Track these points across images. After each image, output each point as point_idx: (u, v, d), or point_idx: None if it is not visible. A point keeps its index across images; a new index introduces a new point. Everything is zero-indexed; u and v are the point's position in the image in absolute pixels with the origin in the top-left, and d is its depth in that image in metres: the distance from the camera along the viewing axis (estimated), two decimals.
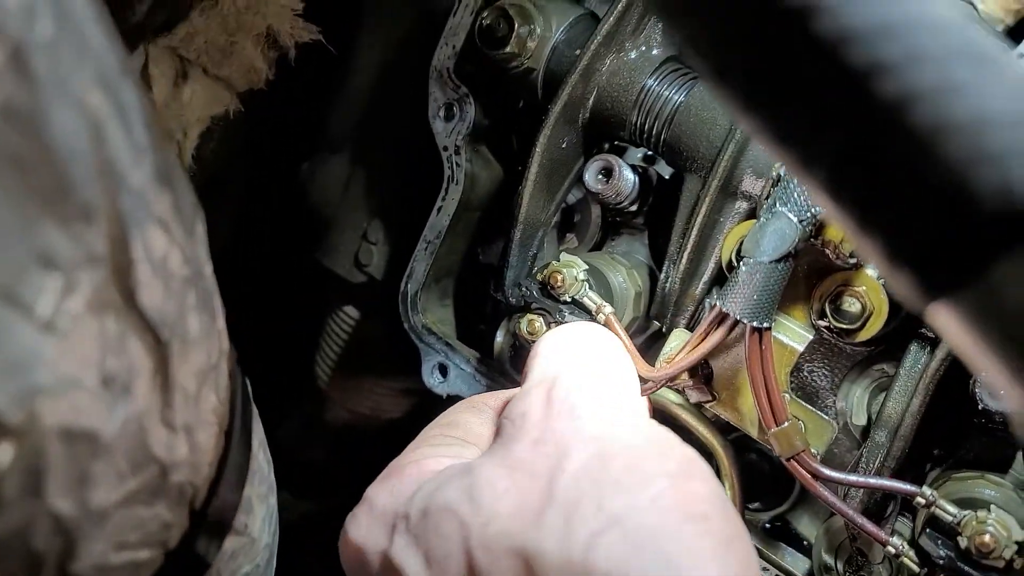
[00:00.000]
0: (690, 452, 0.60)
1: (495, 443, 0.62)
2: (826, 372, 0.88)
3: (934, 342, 0.79)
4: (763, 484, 0.95)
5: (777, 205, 0.70)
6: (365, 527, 0.64)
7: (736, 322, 0.75)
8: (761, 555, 0.87)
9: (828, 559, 0.89)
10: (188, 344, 0.47)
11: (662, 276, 0.90)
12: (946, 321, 0.33)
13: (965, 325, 0.33)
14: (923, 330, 0.81)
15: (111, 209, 0.38)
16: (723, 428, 0.88)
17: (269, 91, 0.96)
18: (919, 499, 0.74)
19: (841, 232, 0.73)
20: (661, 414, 0.91)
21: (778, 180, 0.74)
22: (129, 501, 0.44)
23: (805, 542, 0.95)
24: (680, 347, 0.84)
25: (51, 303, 0.36)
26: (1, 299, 0.34)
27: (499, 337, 1.04)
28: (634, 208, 0.97)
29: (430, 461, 0.63)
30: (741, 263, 0.72)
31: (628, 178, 0.94)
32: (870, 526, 0.75)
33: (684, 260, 0.86)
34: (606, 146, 1.00)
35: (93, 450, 0.40)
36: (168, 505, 0.48)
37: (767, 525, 0.97)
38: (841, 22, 0.31)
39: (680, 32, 0.35)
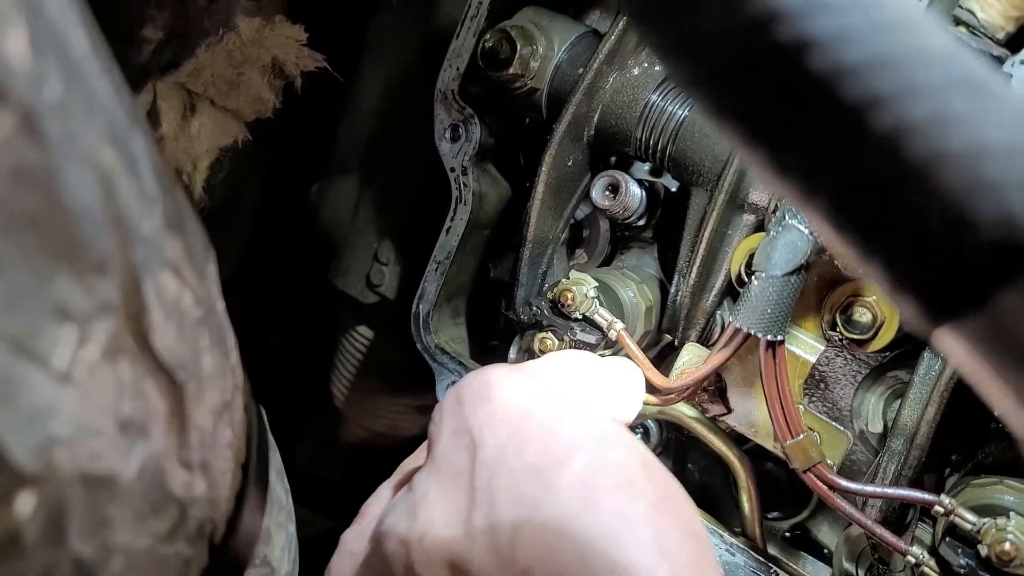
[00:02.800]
0: (610, 426, 0.56)
1: (428, 449, 0.60)
2: (839, 381, 0.88)
3: None
4: (781, 493, 0.95)
5: (787, 217, 0.70)
6: (336, 570, 0.64)
7: (748, 336, 0.75)
8: (781, 565, 0.87)
9: (849, 567, 0.89)
10: (203, 383, 0.47)
11: (672, 290, 0.90)
12: (950, 346, 0.34)
13: (969, 351, 0.33)
14: None
15: (123, 259, 0.39)
16: (738, 439, 0.88)
17: (276, 116, 0.96)
18: (937, 508, 0.73)
19: None
20: (676, 427, 0.91)
21: None
22: (150, 540, 0.45)
23: (825, 550, 0.95)
24: (692, 360, 0.85)
25: (67, 354, 0.36)
26: (18, 352, 0.34)
27: (512, 354, 1.04)
28: (642, 222, 0.97)
29: (388, 491, 0.64)
30: (753, 277, 0.73)
31: (635, 193, 0.94)
32: (889, 536, 0.75)
33: (694, 274, 0.86)
34: (612, 160, 1.01)
35: (112, 494, 0.41)
36: (188, 542, 0.49)
37: (787, 534, 0.97)
38: (835, 57, 0.32)
39: (676, 70, 0.35)
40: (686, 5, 0.33)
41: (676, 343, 0.92)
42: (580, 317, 0.88)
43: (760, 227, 0.85)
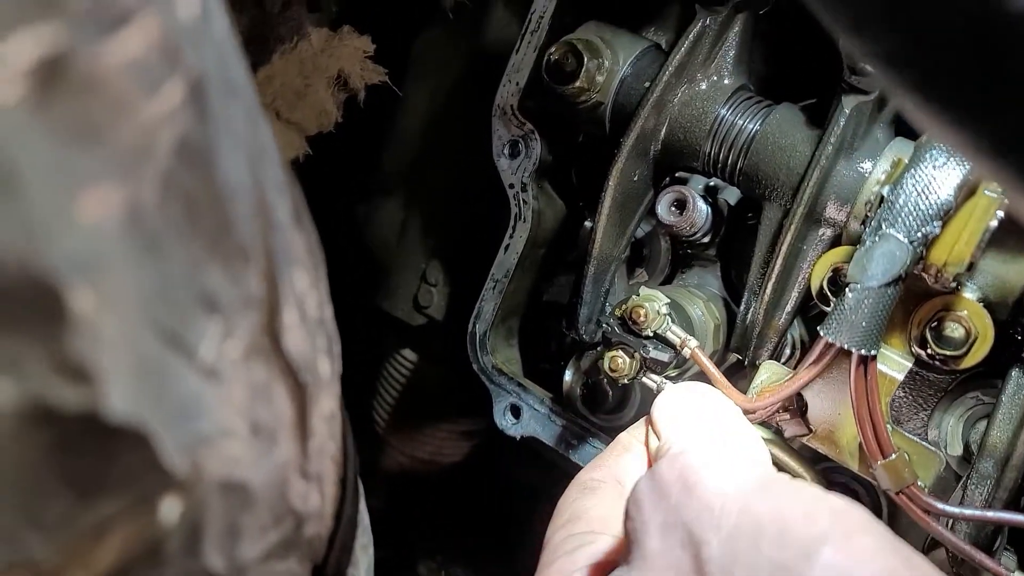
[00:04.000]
0: (837, 501, 0.53)
1: (625, 548, 0.56)
2: (916, 402, 0.85)
3: None
4: None
5: (884, 227, 0.68)
6: None
7: (839, 351, 0.72)
8: None
9: None
10: (320, 389, 0.45)
11: (743, 308, 0.88)
12: None
13: None
14: None
15: (265, 249, 0.37)
16: (812, 459, 0.85)
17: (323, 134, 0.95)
18: None
19: (944, 255, 0.70)
20: None
21: (880, 202, 0.72)
22: (268, 555, 0.42)
23: None
24: (771, 379, 0.82)
25: (214, 348, 0.34)
26: (167, 343, 0.32)
27: (568, 376, 1.02)
28: (707, 239, 0.95)
29: (578, 556, 0.60)
30: (848, 290, 0.70)
31: (702, 209, 0.92)
32: (989, 562, 0.72)
33: (768, 291, 0.84)
34: (667, 179, 0.99)
35: (244, 502, 0.38)
36: (299, 559, 0.46)
37: None
38: None
39: (883, 47, 0.33)
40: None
41: (745, 362, 0.89)
42: (651, 334, 0.85)
43: (837, 241, 0.83)
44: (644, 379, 0.84)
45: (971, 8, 0.30)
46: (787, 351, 0.90)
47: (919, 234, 0.67)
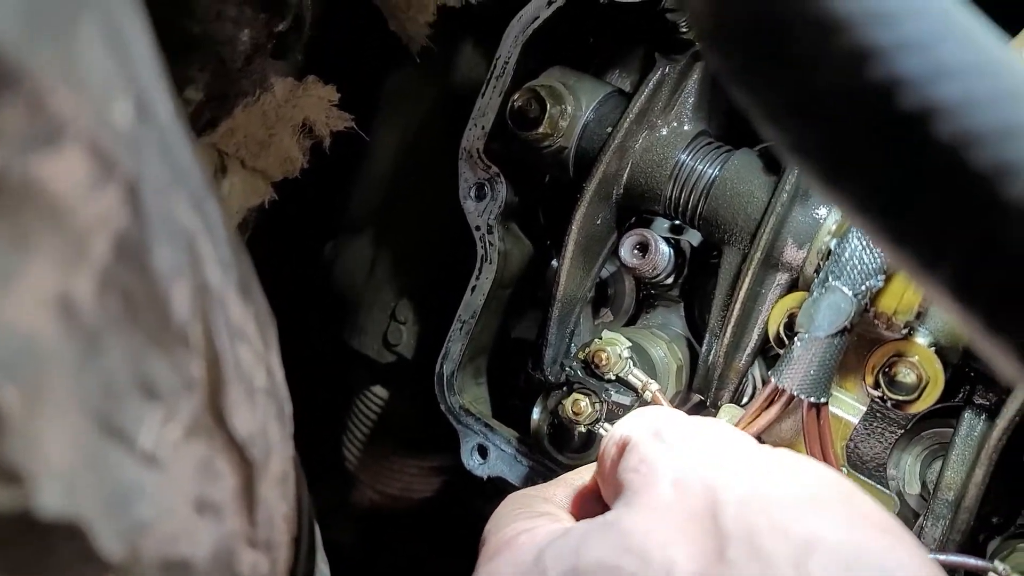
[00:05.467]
0: (833, 471, 0.57)
1: (620, 497, 0.57)
2: (875, 442, 0.87)
3: (990, 410, 0.78)
4: None
5: (830, 279, 0.70)
6: None
7: (791, 397, 0.74)
8: None
9: None
10: (269, 456, 0.45)
11: (704, 349, 0.89)
12: None
13: None
14: (976, 397, 0.80)
15: (206, 331, 0.37)
16: None
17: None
18: (992, 574, 0.72)
19: (894, 303, 0.72)
20: None
21: (828, 254, 0.73)
22: None
23: None
24: (730, 422, 0.83)
25: (153, 434, 0.35)
26: (106, 435, 0.33)
27: (535, 415, 1.02)
28: (669, 281, 0.97)
29: (536, 530, 0.58)
30: (796, 339, 0.72)
31: (664, 251, 0.94)
32: None
33: (728, 334, 0.86)
34: (631, 220, 1.00)
35: None
36: None
37: None
38: (964, 124, 0.31)
39: (783, 133, 0.35)
40: (802, 67, 0.33)
41: (708, 403, 0.90)
42: (613, 378, 0.86)
43: (794, 286, 0.85)
44: (600, 430, 0.85)
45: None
46: (749, 391, 0.91)
47: (863, 287, 0.69)
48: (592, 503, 0.66)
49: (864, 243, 0.68)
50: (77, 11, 0.29)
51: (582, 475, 0.69)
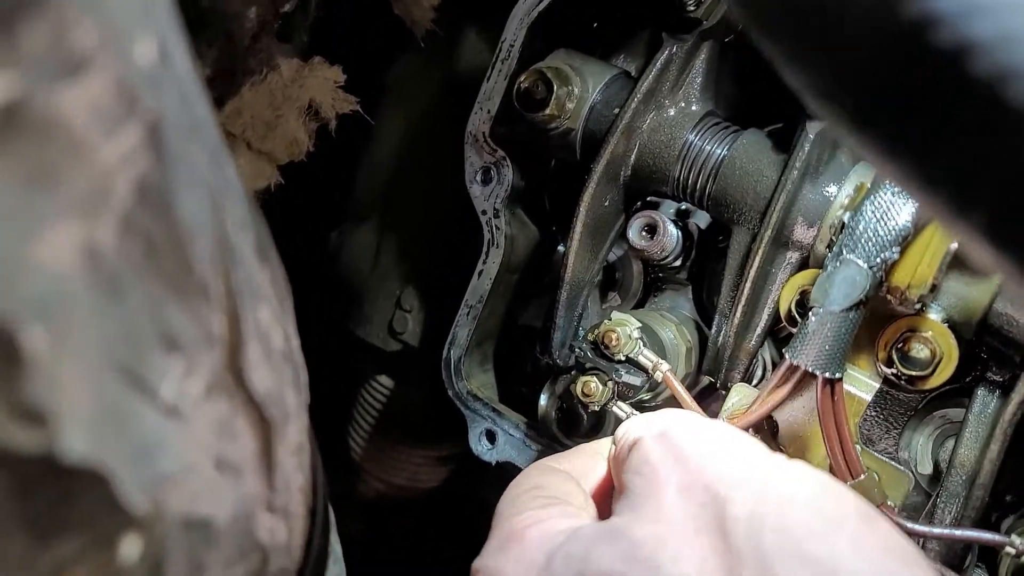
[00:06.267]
0: (850, 491, 0.56)
1: (624, 500, 0.57)
2: (887, 421, 0.86)
3: (1004, 386, 0.77)
4: None
5: (844, 252, 0.69)
6: None
7: (805, 374, 0.73)
8: None
9: None
10: (287, 422, 0.45)
11: (714, 331, 0.88)
12: None
13: None
14: (989, 374, 0.79)
15: (227, 286, 0.37)
16: None
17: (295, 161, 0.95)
18: (1008, 549, 0.71)
19: (908, 277, 0.72)
20: None
21: (842, 228, 0.73)
22: None
23: None
24: (742, 401, 0.83)
25: (174, 387, 0.34)
26: (128, 383, 0.32)
27: (543, 400, 1.02)
28: (678, 263, 0.96)
29: (546, 523, 0.58)
30: (811, 313, 0.71)
31: (672, 233, 0.93)
32: None
33: (738, 314, 0.85)
34: (638, 204, 1.00)
35: (207, 538, 0.38)
36: None
37: None
38: (1001, 59, 0.31)
39: (817, 77, 0.34)
40: (837, 2, 0.32)
41: (718, 385, 0.90)
42: (624, 359, 0.86)
43: (804, 264, 0.84)
44: (614, 408, 0.84)
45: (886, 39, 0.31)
46: (759, 372, 0.91)
47: (878, 260, 0.68)
48: (608, 495, 0.66)
49: (878, 215, 0.68)
50: None
51: (604, 445, 0.69)
